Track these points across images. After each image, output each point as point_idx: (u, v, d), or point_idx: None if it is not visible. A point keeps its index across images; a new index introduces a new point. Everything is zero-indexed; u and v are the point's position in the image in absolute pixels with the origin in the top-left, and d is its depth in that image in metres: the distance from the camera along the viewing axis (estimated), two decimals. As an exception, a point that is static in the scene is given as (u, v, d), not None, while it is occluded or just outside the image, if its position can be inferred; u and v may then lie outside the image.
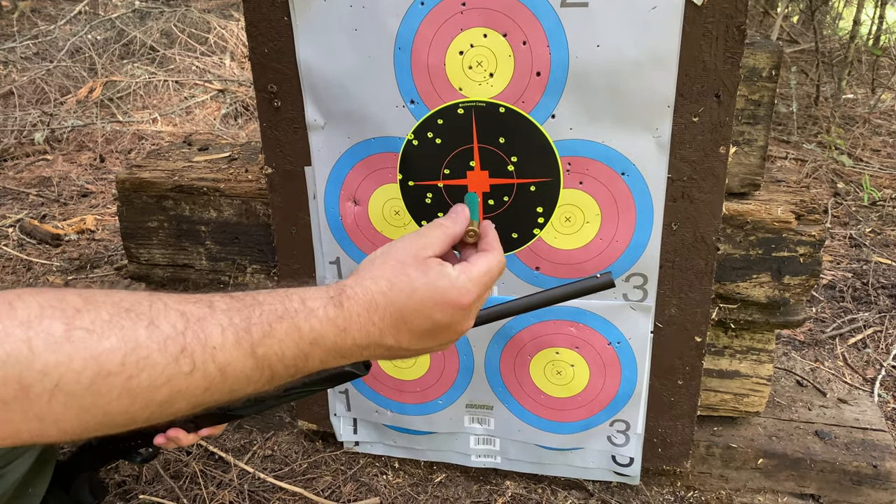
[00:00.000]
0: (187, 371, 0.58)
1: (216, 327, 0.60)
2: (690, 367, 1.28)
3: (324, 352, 0.67)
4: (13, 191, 3.05)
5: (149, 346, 0.56)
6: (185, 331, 0.59)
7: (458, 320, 0.73)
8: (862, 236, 2.68)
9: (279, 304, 0.66)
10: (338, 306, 0.68)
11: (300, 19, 1.15)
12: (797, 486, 1.43)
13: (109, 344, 0.54)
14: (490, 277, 0.75)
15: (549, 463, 1.42)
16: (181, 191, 1.39)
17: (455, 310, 0.72)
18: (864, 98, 4.35)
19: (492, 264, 0.75)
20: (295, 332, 0.65)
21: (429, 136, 1.16)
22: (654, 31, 1.04)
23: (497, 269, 0.76)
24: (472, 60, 1.10)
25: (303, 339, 0.65)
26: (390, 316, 0.70)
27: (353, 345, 0.69)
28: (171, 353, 0.57)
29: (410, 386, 1.40)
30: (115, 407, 0.55)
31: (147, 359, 0.56)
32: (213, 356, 0.60)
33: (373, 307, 0.69)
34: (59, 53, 4.39)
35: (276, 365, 0.64)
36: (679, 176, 1.13)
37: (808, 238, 1.23)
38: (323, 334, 0.66)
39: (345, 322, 0.67)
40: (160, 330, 0.57)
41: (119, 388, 0.55)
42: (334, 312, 0.67)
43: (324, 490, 1.46)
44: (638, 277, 1.21)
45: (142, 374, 0.56)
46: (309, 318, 0.66)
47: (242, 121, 3.91)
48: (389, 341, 0.71)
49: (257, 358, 0.63)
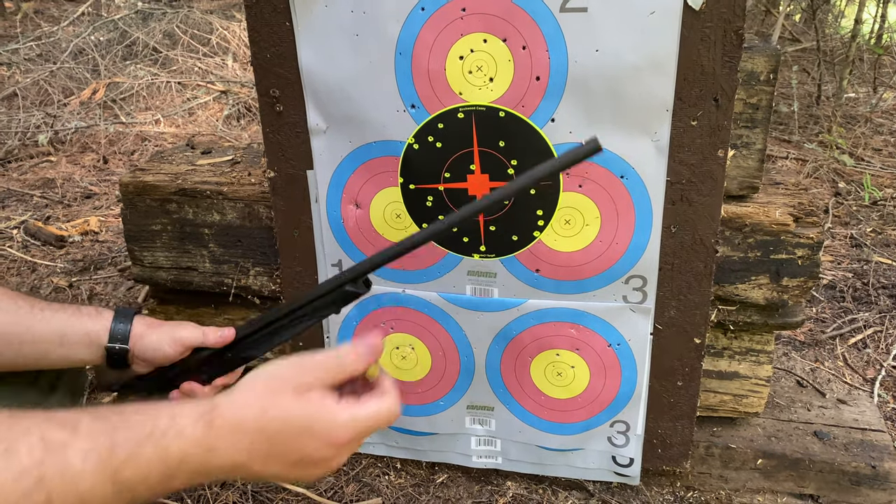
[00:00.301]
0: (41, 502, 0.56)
1: (77, 454, 0.58)
2: (690, 368, 1.29)
3: (189, 473, 0.65)
4: (17, 192, 3.07)
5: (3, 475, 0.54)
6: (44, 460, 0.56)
7: (331, 456, 0.69)
8: (863, 236, 2.68)
9: (149, 423, 0.63)
10: (208, 426, 0.65)
11: (302, 24, 1.16)
12: (796, 487, 1.44)
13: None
14: (376, 423, 0.70)
15: (549, 463, 1.43)
16: (184, 194, 1.40)
17: (329, 446, 0.68)
18: (866, 97, 4.35)
19: (381, 409, 0.71)
20: (162, 454, 0.63)
21: (429, 140, 1.17)
22: (652, 35, 1.05)
23: (386, 416, 0.71)
24: (472, 65, 1.11)
25: (170, 458, 0.63)
26: (260, 443, 0.67)
27: (219, 467, 0.66)
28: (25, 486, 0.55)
29: (412, 387, 1.41)
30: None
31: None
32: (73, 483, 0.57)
33: (242, 431, 0.66)
34: (63, 55, 4.41)
35: (138, 487, 0.62)
36: (678, 179, 1.14)
37: (807, 240, 1.24)
38: (190, 454, 0.64)
39: (213, 443, 0.65)
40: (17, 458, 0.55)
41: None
42: (203, 432, 0.65)
43: (326, 490, 1.48)
44: (637, 279, 1.22)
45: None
46: (178, 438, 0.64)
47: (245, 122, 3.93)
48: (256, 468, 0.68)
49: (118, 483, 0.60)
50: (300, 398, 0.67)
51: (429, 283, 1.30)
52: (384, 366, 1.39)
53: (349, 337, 1.39)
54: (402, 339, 1.37)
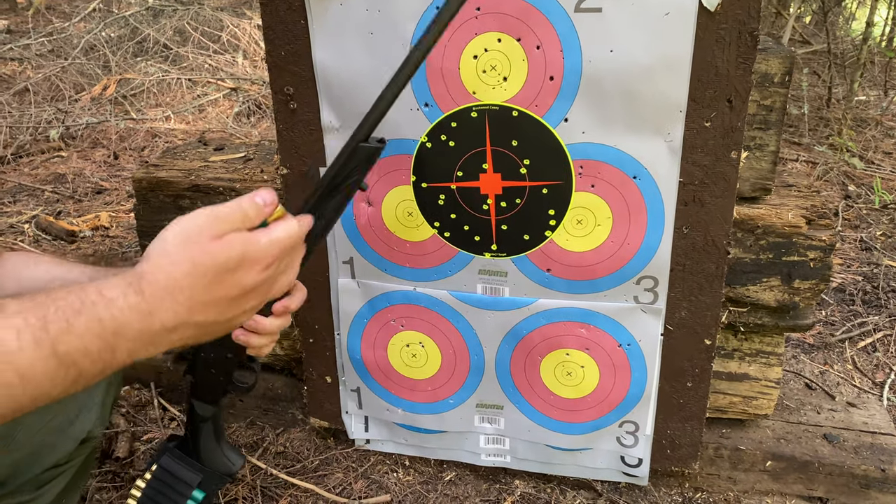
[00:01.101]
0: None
1: (11, 331, 0.58)
2: (700, 369, 1.29)
3: (130, 341, 0.65)
4: (29, 187, 3.08)
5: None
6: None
7: (265, 278, 0.73)
8: (872, 239, 2.68)
9: (75, 299, 0.63)
10: (138, 293, 0.66)
11: (316, 23, 1.16)
12: (805, 489, 1.44)
13: None
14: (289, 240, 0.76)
15: (558, 463, 1.44)
16: (198, 190, 1.41)
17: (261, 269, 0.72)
18: (877, 100, 4.33)
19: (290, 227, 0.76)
20: (96, 325, 0.63)
21: (442, 139, 1.17)
22: (666, 36, 1.05)
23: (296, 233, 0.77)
24: (486, 64, 1.11)
25: (105, 329, 0.63)
26: (198, 293, 0.68)
27: (161, 328, 0.67)
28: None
29: (422, 385, 1.41)
30: None
31: None
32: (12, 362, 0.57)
33: (177, 289, 0.67)
34: (74, 51, 4.43)
35: (81, 361, 0.62)
36: (690, 180, 1.14)
37: (819, 243, 1.24)
38: (126, 323, 0.64)
39: (149, 306, 0.66)
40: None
41: None
42: (135, 299, 0.65)
43: (335, 487, 1.48)
44: (649, 280, 1.23)
45: None
46: (109, 307, 0.64)
47: (255, 119, 3.94)
48: (199, 318, 0.69)
49: (59, 357, 0.60)
50: (221, 241, 0.69)
51: (439, 281, 1.31)
52: (393, 363, 1.40)
53: (359, 334, 1.39)
54: (412, 336, 1.37)
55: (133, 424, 1.63)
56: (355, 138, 0.90)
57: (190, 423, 1.12)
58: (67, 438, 1.02)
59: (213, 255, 0.69)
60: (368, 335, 1.39)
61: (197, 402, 1.09)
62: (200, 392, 1.09)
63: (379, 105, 0.90)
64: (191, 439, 1.12)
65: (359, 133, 0.90)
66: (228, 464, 1.13)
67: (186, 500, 1.09)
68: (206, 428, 1.12)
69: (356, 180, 0.92)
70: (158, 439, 1.59)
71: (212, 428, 1.13)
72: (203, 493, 1.10)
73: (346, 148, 0.90)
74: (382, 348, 1.40)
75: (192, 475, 1.09)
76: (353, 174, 0.92)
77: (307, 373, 1.48)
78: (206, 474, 1.10)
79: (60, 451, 1.01)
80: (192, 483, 1.09)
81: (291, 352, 1.56)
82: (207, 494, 1.11)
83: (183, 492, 1.09)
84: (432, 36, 0.87)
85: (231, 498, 1.45)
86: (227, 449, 1.14)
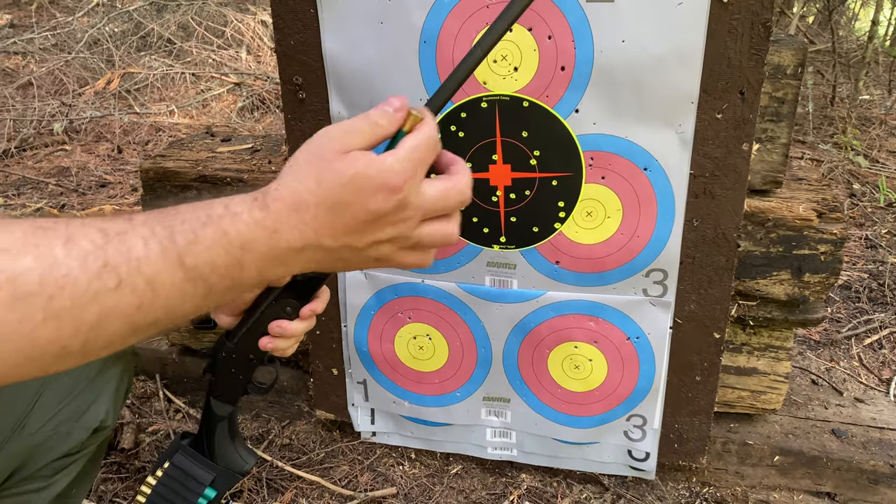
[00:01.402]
0: (113, 286, 0.54)
1: (138, 239, 0.57)
2: (708, 363, 1.28)
3: (258, 258, 0.63)
4: (33, 180, 3.08)
5: (68, 262, 0.53)
6: (106, 245, 0.55)
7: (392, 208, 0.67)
8: (878, 237, 2.67)
9: (202, 212, 0.61)
10: (263, 208, 0.63)
11: (326, 12, 1.16)
12: (813, 484, 1.43)
13: (25, 263, 0.51)
14: (418, 153, 0.67)
15: (564, 456, 1.43)
16: (205, 181, 1.41)
17: (387, 193, 0.66)
18: (881, 99, 4.32)
19: (419, 140, 0.68)
20: (223, 237, 0.61)
21: (452, 130, 1.17)
22: (679, 27, 1.04)
23: (425, 143, 0.68)
24: (496, 54, 1.11)
25: (231, 244, 0.61)
26: (323, 213, 0.65)
27: (288, 247, 0.64)
28: (93, 269, 0.53)
29: (428, 377, 1.41)
30: (42, 333, 0.52)
31: (67, 276, 0.52)
32: (139, 269, 0.56)
33: (303, 207, 0.64)
34: (78, 45, 4.42)
35: (209, 276, 0.60)
36: (701, 172, 1.14)
37: (830, 236, 1.23)
38: (252, 238, 0.62)
39: (274, 223, 0.63)
40: (79, 246, 0.54)
41: (42, 310, 0.51)
42: (260, 215, 0.63)
43: (341, 479, 1.48)
44: (658, 273, 1.22)
45: (63, 292, 0.52)
46: (235, 221, 0.62)
47: (259, 114, 3.93)
48: (327, 241, 0.66)
49: (187, 268, 0.59)
50: (345, 157, 0.66)
51: (448, 273, 1.30)
52: (400, 356, 1.39)
53: (366, 325, 1.39)
54: (419, 328, 1.37)
55: (138, 416, 1.63)
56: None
57: (206, 421, 1.11)
58: (80, 427, 1.01)
59: (335, 171, 0.65)
60: (375, 327, 1.39)
61: (215, 402, 1.09)
62: (219, 391, 1.08)
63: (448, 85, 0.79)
64: (205, 437, 1.11)
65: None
66: (242, 462, 1.12)
67: (198, 497, 1.08)
68: (221, 427, 1.11)
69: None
70: (163, 431, 1.58)
71: (227, 427, 1.12)
72: (215, 492, 1.09)
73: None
74: (389, 340, 1.39)
75: (204, 473, 1.08)
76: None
77: (313, 365, 1.48)
78: (218, 473, 1.09)
79: (73, 440, 1.01)
80: (205, 481, 1.08)
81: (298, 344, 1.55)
82: (219, 493, 1.11)
83: (195, 490, 1.08)
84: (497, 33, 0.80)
85: (237, 490, 1.44)
86: (241, 448, 1.13)
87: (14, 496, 0.98)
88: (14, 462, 0.95)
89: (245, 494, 1.44)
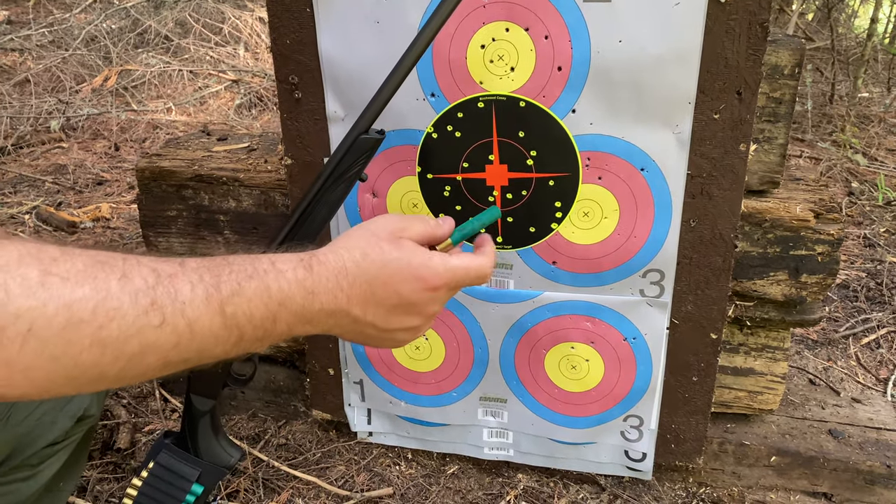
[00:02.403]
0: (157, 324, 0.58)
1: (186, 283, 0.61)
2: (705, 363, 1.28)
3: (291, 315, 0.67)
4: (29, 178, 3.07)
5: (120, 297, 0.56)
6: (156, 285, 0.59)
7: (424, 301, 0.74)
8: (876, 236, 2.67)
9: (249, 266, 0.66)
10: (307, 269, 0.68)
11: (322, 11, 1.15)
12: (810, 485, 1.43)
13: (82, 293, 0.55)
14: (466, 274, 0.76)
15: (561, 457, 1.43)
16: (201, 180, 1.40)
17: (424, 289, 0.73)
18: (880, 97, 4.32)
19: (472, 264, 0.76)
20: (264, 292, 0.65)
21: (448, 130, 1.16)
22: (676, 27, 1.04)
23: (476, 271, 0.77)
24: (493, 54, 1.10)
25: (272, 299, 0.65)
26: (360, 285, 0.70)
27: (321, 310, 0.69)
28: (142, 306, 0.57)
29: (425, 378, 1.41)
30: (86, 358, 0.55)
31: (118, 309, 0.56)
32: (183, 311, 0.60)
33: (342, 273, 0.70)
34: (75, 42, 4.41)
35: (244, 325, 0.64)
36: (699, 172, 1.13)
37: (827, 237, 1.23)
38: (291, 296, 0.67)
39: (313, 285, 0.68)
40: (132, 283, 0.58)
41: (90, 337, 0.55)
42: (303, 275, 0.68)
43: (337, 479, 1.48)
44: (655, 273, 1.22)
45: (112, 323, 0.56)
46: (278, 278, 0.66)
47: (256, 111, 3.92)
48: (356, 311, 0.71)
49: (226, 316, 0.62)
50: (396, 243, 0.73)
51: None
52: (396, 356, 1.39)
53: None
54: (416, 329, 1.36)
55: (134, 416, 1.62)
56: (356, 129, 0.91)
57: (187, 417, 1.11)
58: (64, 415, 1.04)
59: (383, 250, 0.72)
60: (372, 327, 1.38)
61: (195, 397, 1.09)
62: (199, 386, 1.09)
63: (380, 96, 0.91)
64: (188, 434, 1.11)
65: (360, 124, 0.91)
66: (227, 456, 1.12)
67: (185, 494, 1.08)
68: (203, 422, 1.12)
69: (357, 171, 0.93)
70: (160, 430, 1.58)
71: (209, 421, 1.12)
72: (202, 487, 1.09)
73: (347, 139, 0.91)
74: (386, 340, 1.39)
75: (190, 470, 1.09)
76: (355, 165, 0.93)
77: (310, 365, 1.47)
78: (204, 468, 1.10)
79: (58, 429, 1.03)
80: (191, 478, 1.09)
81: (294, 344, 1.55)
82: (206, 488, 1.11)
83: (182, 486, 1.08)
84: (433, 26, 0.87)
85: (233, 490, 1.44)
86: (224, 442, 1.13)
87: (2, 485, 1.00)
88: (1, 452, 0.97)
89: (241, 494, 1.43)
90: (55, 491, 1.08)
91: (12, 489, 1.01)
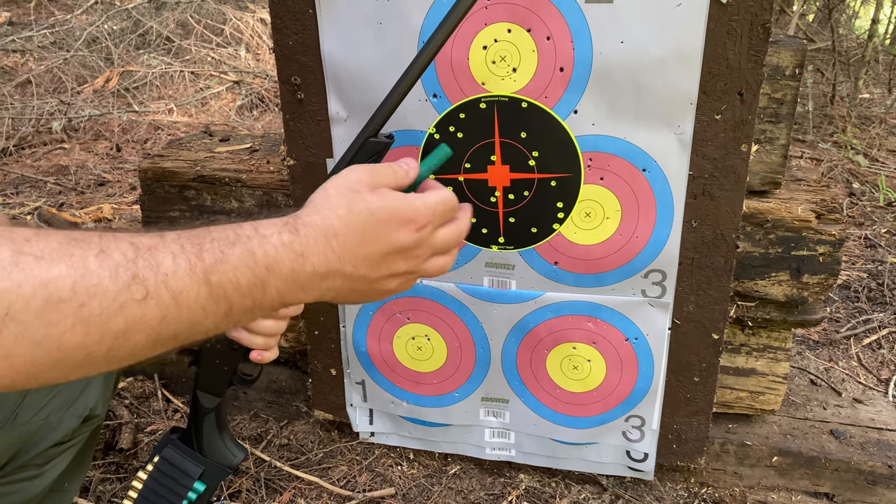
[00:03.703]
0: (140, 298, 0.56)
1: (167, 255, 0.59)
2: (707, 364, 1.28)
3: (281, 280, 0.65)
4: (31, 179, 3.08)
5: (99, 273, 0.55)
6: (136, 258, 0.57)
7: (413, 243, 0.73)
8: (877, 237, 2.67)
9: (231, 232, 0.64)
10: (293, 232, 0.66)
11: (325, 12, 1.15)
12: (811, 485, 1.43)
13: (58, 271, 0.53)
14: (445, 207, 0.76)
15: (563, 457, 1.43)
16: (203, 181, 1.40)
17: (415, 229, 0.73)
18: (881, 98, 4.32)
19: (444, 196, 0.77)
20: (249, 258, 0.63)
21: (450, 130, 1.17)
22: (678, 28, 1.04)
23: (450, 201, 0.77)
24: (495, 55, 1.10)
25: (258, 264, 0.63)
26: (350, 242, 0.69)
27: (313, 272, 0.67)
28: (123, 280, 0.56)
29: (427, 378, 1.41)
30: (70, 339, 0.54)
31: (98, 285, 0.54)
32: (166, 283, 0.58)
33: (331, 233, 0.68)
34: (76, 43, 4.41)
35: (231, 294, 0.62)
36: (700, 173, 1.14)
37: (828, 237, 1.23)
38: (279, 260, 0.65)
39: (302, 247, 0.66)
40: (111, 258, 0.56)
41: (71, 317, 0.53)
42: (289, 238, 0.66)
43: (339, 480, 1.48)
44: (657, 274, 1.22)
45: (93, 301, 0.54)
46: (263, 243, 0.64)
47: (258, 112, 3.93)
48: (349, 269, 0.70)
49: (212, 286, 0.61)
50: (376, 193, 0.72)
51: (446, 273, 1.30)
52: (398, 356, 1.39)
53: (365, 326, 1.39)
54: (418, 329, 1.37)
55: (137, 416, 1.63)
56: (364, 133, 0.90)
57: (193, 414, 1.11)
58: (71, 416, 1.03)
59: (368, 203, 0.71)
60: (374, 327, 1.39)
61: (201, 394, 1.09)
62: (205, 384, 1.09)
63: (389, 100, 0.90)
64: (193, 431, 1.11)
65: (368, 128, 0.90)
66: (230, 456, 1.13)
67: (188, 491, 1.09)
68: (209, 420, 1.12)
69: None
70: (162, 431, 1.58)
71: (215, 420, 1.13)
72: (204, 486, 1.10)
73: (356, 143, 0.91)
74: (388, 341, 1.39)
75: (194, 467, 1.09)
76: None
77: (312, 365, 1.48)
78: (207, 466, 1.10)
79: (64, 429, 1.02)
80: (194, 475, 1.09)
81: (296, 344, 1.55)
82: (209, 487, 1.11)
83: (185, 483, 1.09)
84: (444, 32, 0.87)
85: (235, 490, 1.44)
86: (229, 441, 1.13)
87: (8, 484, 1.00)
88: (8, 452, 0.97)
89: (243, 495, 1.43)
90: (60, 491, 1.08)
91: (18, 489, 1.01)
